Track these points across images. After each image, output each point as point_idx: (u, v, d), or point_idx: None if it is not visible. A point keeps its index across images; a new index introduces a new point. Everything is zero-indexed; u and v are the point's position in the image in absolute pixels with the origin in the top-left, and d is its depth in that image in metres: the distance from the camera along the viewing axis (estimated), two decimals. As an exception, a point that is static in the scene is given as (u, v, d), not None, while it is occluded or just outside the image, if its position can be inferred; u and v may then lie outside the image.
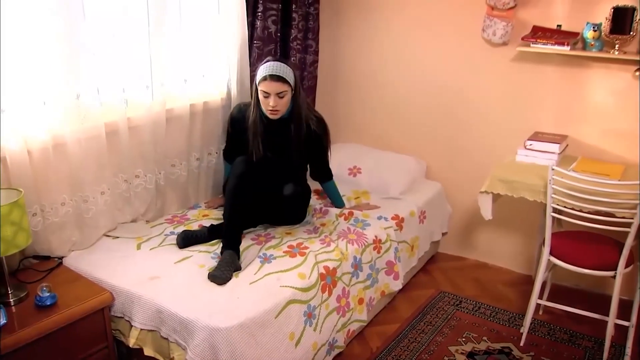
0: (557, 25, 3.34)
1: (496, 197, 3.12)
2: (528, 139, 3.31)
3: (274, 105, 2.94)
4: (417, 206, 3.50)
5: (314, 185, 3.37)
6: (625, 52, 3.18)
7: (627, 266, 2.83)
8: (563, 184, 2.76)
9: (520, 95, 3.56)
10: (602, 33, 3.17)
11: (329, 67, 4.15)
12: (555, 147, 3.22)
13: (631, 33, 3.10)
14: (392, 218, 3.27)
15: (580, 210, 2.79)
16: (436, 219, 3.75)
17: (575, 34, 3.27)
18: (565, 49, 3.20)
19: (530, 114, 3.56)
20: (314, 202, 3.41)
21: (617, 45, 3.15)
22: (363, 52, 4.03)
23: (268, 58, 3.04)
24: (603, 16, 3.15)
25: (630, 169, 3.20)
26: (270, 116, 3.01)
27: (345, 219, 3.19)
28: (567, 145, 3.44)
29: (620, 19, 3.11)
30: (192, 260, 2.68)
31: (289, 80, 2.94)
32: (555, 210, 2.85)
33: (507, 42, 3.51)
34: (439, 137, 3.91)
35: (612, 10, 3.11)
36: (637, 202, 2.64)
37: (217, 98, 3.47)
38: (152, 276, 2.53)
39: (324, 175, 3.34)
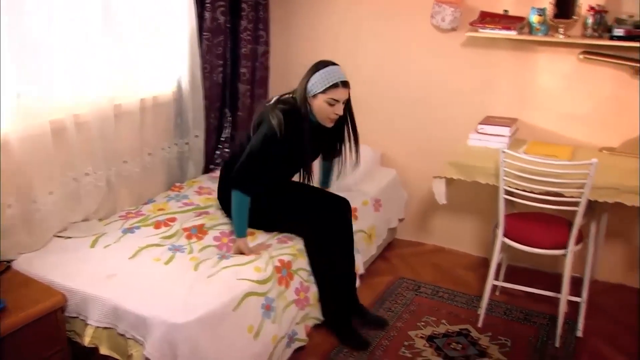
0: (504, 11, 3.40)
1: (450, 182, 3.15)
2: (480, 123, 3.36)
3: (341, 113, 2.80)
4: (371, 195, 3.51)
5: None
6: (569, 36, 3.25)
7: (576, 244, 2.91)
8: (514, 166, 2.81)
9: (472, 80, 3.61)
10: (547, 17, 3.23)
11: (281, 58, 4.12)
12: (506, 131, 3.27)
13: (574, 17, 3.17)
14: (348, 209, 3.28)
15: (531, 192, 2.84)
16: (392, 206, 3.77)
17: (522, 19, 3.33)
18: (512, 34, 3.25)
19: (481, 99, 3.61)
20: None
21: (561, 29, 3.21)
22: (315, 41, 4.01)
23: (323, 61, 2.81)
24: (547, 1, 3.21)
25: (578, 150, 3.28)
26: (329, 124, 2.85)
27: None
28: (518, 128, 3.50)
29: (564, 4, 3.18)
30: (147, 255, 2.64)
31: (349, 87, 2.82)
32: (507, 193, 2.90)
33: (456, 27, 3.55)
34: (393, 125, 3.93)
35: (558, -6, 3.17)
36: (585, 181, 2.71)
37: (167, 92, 3.41)
38: (109, 274, 2.48)
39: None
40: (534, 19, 3.23)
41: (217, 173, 3.37)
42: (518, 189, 2.86)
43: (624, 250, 3.58)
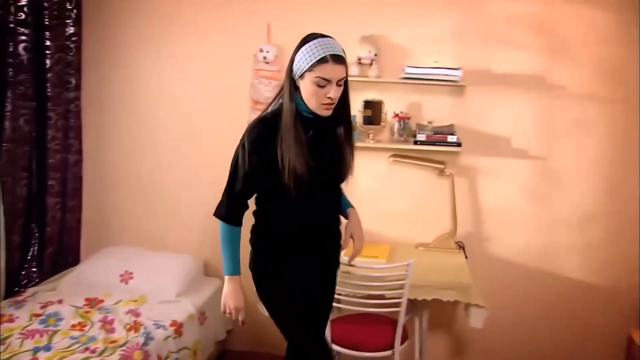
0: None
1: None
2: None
3: (334, 96, 2.12)
4: (196, 307, 3.33)
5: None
6: (379, 141, 3.43)
7: (402, 342, 2.94)
8: (335, 272, 2.81)
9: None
10: (358, 124, 3.38)
11: (95, 167, 3.88)
12: (327, 234, 3.30)
13: (382, 123, 3.35)
14: (171, 325, 3.07)
15: (354, 296, 2.86)
16: (218, 317, 3.60)
17: (335, 125, 3.46)
18: (326, 140, 3.35)
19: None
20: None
21: (371, 135, 3.38)
22: (131, 149, 3.84)
23: (312, 34, 2.14)
24: (356, 108, 3.37)
25: (397, 248, 3.40)
26: (324, 112, 2.16)
27: (135, 332, 2.92)
28: (339, 229, 3.56)
29: (371, 111, 3.35)
30: None
31: (347, 63, 2.16)
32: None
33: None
34: (215, 233, 3.80)
35: (363, 103, 3.35)
36: (404, 282, 2.78)
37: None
38: None
39: None
40: (346, 125, 3.37)
41: (23, 296, 3.09)
42: (341, 295, 2.86)
43: (447, 342, 3.71)
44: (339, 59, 2.09)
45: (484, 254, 3.59)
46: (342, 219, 2.44)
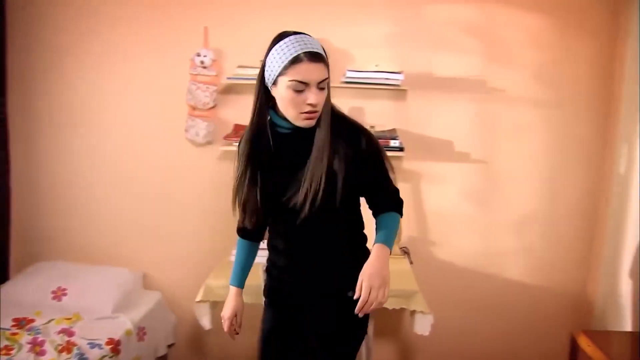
0: (259, 123, 3.42)
1: (217, 304, 2.96)
2: (243, 238, 3.26)
3: (316, 102, 1.77)
4: (134, 323, 3.18)
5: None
6: (321, 146, 3.36)
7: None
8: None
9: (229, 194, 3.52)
10: (299, 129, 3.31)
11: (26, 178, 3.67)
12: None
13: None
14: (107, 343, 2.91)
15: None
16: (159, 331, 3.46)
17: (276, 131, 3.37)
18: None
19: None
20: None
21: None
22: (64, 159, 3.65)
23: (283, 33, 1.82)
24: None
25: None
26: (305, 123, 1.82)
27: (67, 353, 2.76)
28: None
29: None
30: None
31: (327, 62, 1.83)
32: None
33: (212, 141, 3.49)
34: (154, 244, 3.67)
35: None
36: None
37: None
38: None
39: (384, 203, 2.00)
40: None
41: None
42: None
43: (394, 348, 3.70)
44: (316, 57, 1.75)
45: (429, 258, 3.58)
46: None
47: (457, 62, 3.41)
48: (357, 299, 1.76)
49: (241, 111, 3.41)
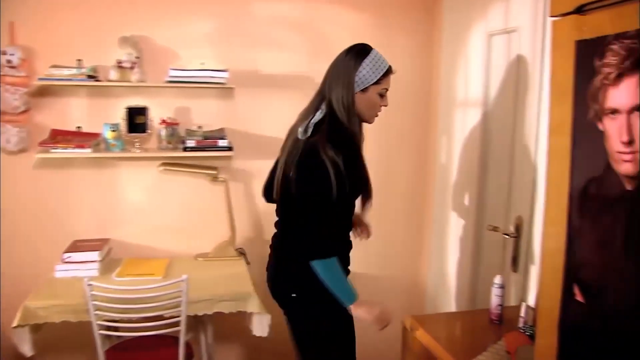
0: (77, 127, 3.19)
1: (39, 327, 2.71)
2: (65, 252, 3.02)
3: (387, 103, 2.28)
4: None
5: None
6: (146, 150, 3.20)
7: (188, 361, 2.78)
8: (104, 297, 2.56)
9: (51, 204, 3.25)
10: (122, 133, 3.13)
11: None
12: (95, 255, 3.00)
13: (148, 131, 3.13)
14: None
15: (129, 321, 2.63)
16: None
17: (96, 135, 3.16)
18: (86, 152, 3.04)
19: (67, 223, 3.28)
20: None
21: (137, 144, 3.15)
22: None
23: (362, 45, 2.27)
24: (119, 116, 3.12)
25: (175, 261, 3.23)
26: (373, 120, 2.30)
27: None
28: (111, 248, 3.27)
29: (135, 119, 3.11)
30: None
31: None
32: (104, 327, 2.62)
33: (26, 148, 3.18)
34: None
35: (127, 110, 3.09)
36: (180, 299, 2.61)
37: None
38: None
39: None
40: (108, 135, 3.10)
41: None
42: (114, 321, 2.61)
43: (237, 352, 3.64)
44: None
45: (265, 257, 3.54)
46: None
47: (283, 59, 3.42)
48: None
49: (58, 115, 3.18)
